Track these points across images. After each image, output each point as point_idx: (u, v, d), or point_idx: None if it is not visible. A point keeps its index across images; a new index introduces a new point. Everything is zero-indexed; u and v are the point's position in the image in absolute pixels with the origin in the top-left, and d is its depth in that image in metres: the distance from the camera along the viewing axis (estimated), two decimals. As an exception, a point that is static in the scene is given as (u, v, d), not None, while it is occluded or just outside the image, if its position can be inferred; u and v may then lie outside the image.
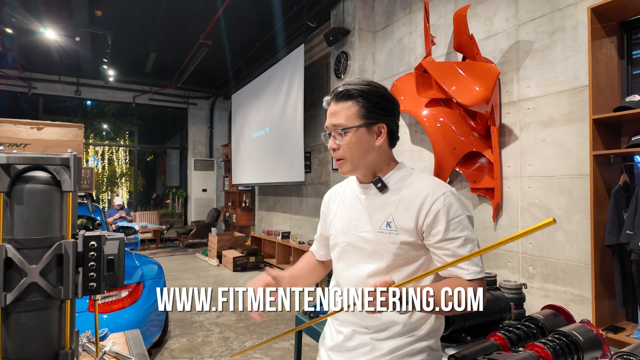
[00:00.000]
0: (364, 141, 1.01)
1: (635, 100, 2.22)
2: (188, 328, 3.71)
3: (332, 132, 1.03)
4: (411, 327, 1.01)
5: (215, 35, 5.87)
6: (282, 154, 6.19)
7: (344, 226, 1.10)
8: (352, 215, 1.09)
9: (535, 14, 2.88)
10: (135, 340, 1.24)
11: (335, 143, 1.03)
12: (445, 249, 0.96)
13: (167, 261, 7.01)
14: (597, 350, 1.13)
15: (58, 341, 0.88)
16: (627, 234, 2.19)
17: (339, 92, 1.03)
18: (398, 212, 1.00)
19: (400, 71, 4.12)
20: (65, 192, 0.89)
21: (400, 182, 1.03)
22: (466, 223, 0.97)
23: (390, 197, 1.02)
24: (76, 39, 5.92)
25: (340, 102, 1.02)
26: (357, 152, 1.01)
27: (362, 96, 1.01)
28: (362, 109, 1.01)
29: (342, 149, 1.02)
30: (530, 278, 2.89)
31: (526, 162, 2.93)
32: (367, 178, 1.06)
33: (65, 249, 0.87)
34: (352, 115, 1.01)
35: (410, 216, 0.98)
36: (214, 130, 10.14)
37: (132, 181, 9.61)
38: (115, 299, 2.53)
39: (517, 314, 1.45)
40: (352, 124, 1.00)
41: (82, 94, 8.57)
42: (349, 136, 1.01)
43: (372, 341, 1.02)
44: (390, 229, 1.00)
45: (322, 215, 1.26)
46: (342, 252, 1.10)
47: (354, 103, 1.01)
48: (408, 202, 0.99)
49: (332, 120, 1.03)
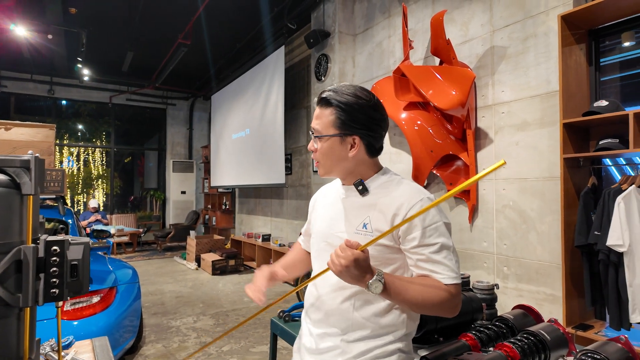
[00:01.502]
0: (335, 150, 1.03)
1: (602, 105, 2.30)
2: (164, 333, 3.63)
3: (314, 134, 1.06)
4: (382, 331, 1.01)
5: (194, 35, 5.79)
6: (263, 155, 6.15)
7: (324, 225, 1.12)
8: (332, 216, 1.11)
9: (509, 20, 2.95)
10: (102, 347, 1.20)
11: (314, 145, 1.07)
12: (420, 254, 0.96)
13: (143, 265, 6.86)
14: (563, 348, 1.15)
15: (16, 351, 0.84)
16: (595, 234, 2.26)
17: (321, 97, 1.05)
18: (375, 214, 1.01)
19: (379, 74, 4.16)
20: (25, 196, 0.85)
21: (381, 187, 1.05)
22: (443, 230, 0.97)
23: (370, 200, 1.04)
24: (48, 37, 5.74)
25: (322, 108, 1.05)
26: (329, 159, 1.05)
27: (340, 107, 1.01)
28: (338, 120, 1.01)
29: (317, 153, 1.06)
30: (505, 278, 2.95)
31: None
32: (348, 181, 1.08)
33: (24, 254, 0.83)
34: (328, 124, 1.03)
35: (387, 220, 0.99)
36: (194, 131, 10.00)
37: (109, 183, 9.37)
38: (86, 304, 2.45)
39: (488, 314, 1.47)
40: (326, 132, 1.03)
41: (55, 93, 8.31)
42: (323, 143, 1.04)
43: (343, 343, 1.01)
44: (367, 231, 1.01)
45: (309, 210, 1.29)
46: (320, 251, 1.12)
47: (332, 112, 1.02)
48: (386, 206, 1.00)
49: (313, 124, 1.07)
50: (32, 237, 0.88)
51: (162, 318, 4.06)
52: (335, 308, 1.03)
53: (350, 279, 0.88)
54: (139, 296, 3.06)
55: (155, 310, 4.31)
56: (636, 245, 2.12)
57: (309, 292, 1.13)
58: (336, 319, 1.03)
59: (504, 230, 2.97)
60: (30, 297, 0.85)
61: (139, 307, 3.06)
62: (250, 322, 3.97)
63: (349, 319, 1.01)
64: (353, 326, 1.01)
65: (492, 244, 3.05)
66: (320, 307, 1.06)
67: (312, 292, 1.11)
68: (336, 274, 0.89)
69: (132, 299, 2.89)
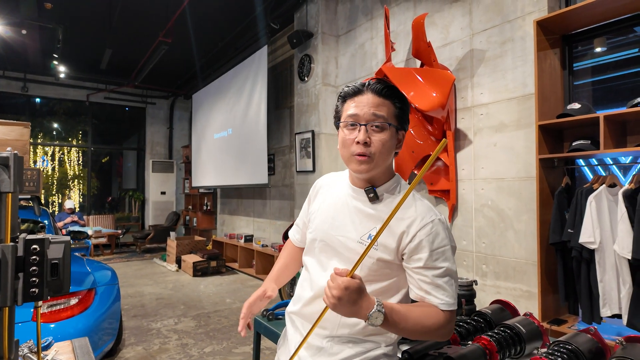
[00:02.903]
0: (393, 143, 0.98)
1: (575, 108, 2.39)
2: (144, 336, 3.57)
3: (368, 124, 0.95)
4: (368, 336, 1.01)
5: (176, 33, 5.71)
6: (245, 155, 6.12)
7: (325, 224, 1.06)
8: (336, 216, 1.04)
9: (487, 24, 3.03)
10: (82, 348, 1.18)
11: (369, 137, 0.95)
12: (424, 275, 0.93)
13: (122, 267, 6.71)
14: (538, 340, 1.20)
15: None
16: (569, 232, 2.35)
17: (381, 87, 0.97)
18: None
19: (362, 75, 4.20)
20: (3, 193, 0.83)
21: (392, 197, 1.00)
22: (449, 254, 0.94)
23: (379, 209, 0.99)
24: (22, 32, 5.56)
25: (383, 97, 0.96)
26: (385, 152, 0.96)
27: (399, 98, 0.98)
28: (398, 110, 0.98)
29: (373, 146, 0.94)
30: (484, 276, 3.03)
31: (479, 165, 3.07)
32: (363, 183, 1.02)
33: (2, 253, 0.82)
34: (391, 114, 0.97)
35: (394, 236, 0.95)
36: (174, 130, 9.85)
37: (86, 183, 9.14)
38: (63, 306, 2.39)
39: (467, 310, 1.52)
40: (392, 122, 0.96)
41: (29, 90, 8.05)
42: (386, 134, 0.95)
43: (329, 344, 1.01)
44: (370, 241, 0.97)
45: (309, 199, 1.20)
46: (318, 249, 1.07)
47: (392, 103, 0.97)
48: (395, 223, 0.95)
49: (375, 110, 0.95)
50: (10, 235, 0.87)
51: (142, 320, 3.99)
52: None
53: (347, 311, 0.83)
54: (119, 298, 3.00)
55: (135, 313, 4.23)
56: (606, 242, 2.21)
57: (302, 292, 1.10)
58: (325, 321, 1.01)
59: (483, 229, 3.04)
60: (8, 296, 0.83)
61: (119, 309, 3.00)
62: (233, 322, 3.94)
63: (337, 322, 1.01)
64: (341, 329, 1.01)
65: (472, 243, 3.13)
66: (313, 307, 1.04)
67: (306, 291, 1.08)
68: (332, 309, 0.83)
69: (112, 300, 2.84)
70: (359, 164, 0.96)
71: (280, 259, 1.31)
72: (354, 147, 0.96)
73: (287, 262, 1.30)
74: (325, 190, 1.15)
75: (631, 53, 2.58)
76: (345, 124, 0.98)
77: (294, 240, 1.30)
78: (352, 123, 0.97)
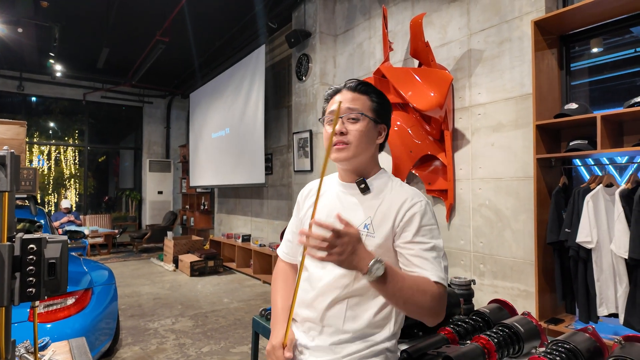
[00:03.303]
0: (370, 133, 1.06)
1: (572, 108, 2.40)
2: (141, 336, 3.56)
3: (343, 117, 1.04)
4: (371, 331, 1.02)
5: (173, 31, 5.69)
6: (243, 155, 6.11)
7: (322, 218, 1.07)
8: (331, 214, 1.07)
9: (485, 24, 3.04)
10: (79, 348, 1.17)
11: (345, 128, 1.04)
12: (411, 248, 0.97)
13: (119, 267, 6.69)
14: (536, 339, 1.20)
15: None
16: (566, 232, 2.36)
17: (355, 84, 1.07)
18: (377, 215, 1.01)
19: (360, 75, 4.20)
20: (0, 192, 0.83)
21: (381, 187, 1.06)
22: (436, 233, 1.00)
23: (371, 199, 1.04)
24: (18, 30, 5.53)
25: (357, 93, 1.06)
26: (362, 141, 1.04)
27: (376, 94, 1.08)
28: (375, 105, 1.07)
29: (350, 134, 1.03)
30: (481, 275, 3.03)
31: (477, 165, 3.08)
32: (352, 177, 1.09)
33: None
34: (367, 107, 1.06)
35: (388, 219, 1.00)
36: (171, 130, 9.82)
37: (82, 183, 9.09)
38: (60, 306, 2.38)
39: (466, 309, 1.52)
40: (366, 113, 1.05)
41: (25, 89, 8.00)
42: (361, 124, 1.04)
43: (333, 344, 1.01)
44: (368, 231, 1.01)
45: (297, 206, 1.23)
46: None
47: (368, 98, 1.07)
48: (387, 206, 1.02)
49: (348, 104, 1.05)
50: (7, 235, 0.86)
51: (139, 320, 3.97)
52: (329, 308, 1.02)
53: (350, 262, 0.82)
54: (116, 298, 2.99)
55: (132, 313, 4.21)
56: (603, 241, 2.22)
57: (304, 291, 1.09)
58: (329, 319, 1.02)
59: (480, 228, 3.05)
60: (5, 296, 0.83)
61: (116, 309, 2.99)
62: (231, 322, 3.94)
63: (340, 319, 1.01)
64: (345, 327, 1.01)
65: (469, 242, 3.13)
66: (315, 306, 1.05)
67: (307, 291, 1.08)
68: (336, 260, 0.81)
69: (109, 300, 2.83)
70: (337, 152, 1.04)
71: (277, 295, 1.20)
72: (333, 138, 1.04)
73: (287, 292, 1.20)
74: (312, 195, 1.18)
75: (628, 53, 2.59)
76: (326, 119, 1.09)
77: (285, 256, 1.25)
78: (330, 118, 1.07)
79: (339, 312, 1.01)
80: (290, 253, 1.23)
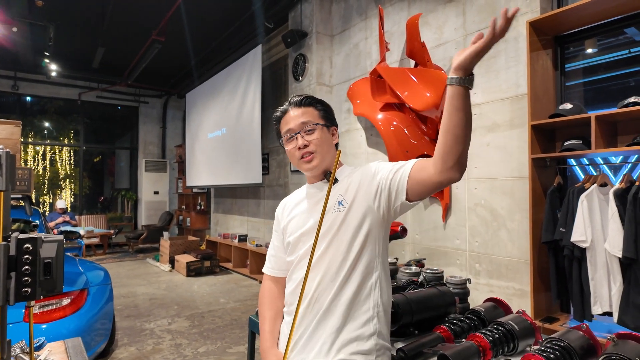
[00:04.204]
0: (328, 137, 1.18)
1: (567, 108, 2.41)
2: (137, 336, 3.54)
3: (300, 132, 1.15)
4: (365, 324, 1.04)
5: (169, 31, 5.68)
6: (239, 155, 6.10)
7: (300, 220, 1.18)
8: (307, 209, 1.18)
9: (481, 25, 3.05)
10: (75, 348, 1.17)
11: (306, 140, 1.14)
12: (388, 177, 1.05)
13: (115, 267, 6.66)
14: (530, 337, 1.21)
15: (-14, 352, 0.81)
16: (561, 231, 2.38)
17: (299, 100, 1.20)
18: (348, 192, 1.11)
19: (356, 75, 4.21)
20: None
21: (347, 175, 1.17)
22: None
23: (340, 185, 1.15)
24: (13, 29, 5.49)
25: (304, 107, 1.19)
26: (324, 146, 1.15)
27: (320, 104, 1.22)
28: (323, 113, 1.20)
29: (312, 144, 1.14)
30: (477, 275, 3.05)
31: (472, 165, 3.09)
32: (319, 176, 1.19)
33: (-6, 252, 0.81)
34: (316, 117, 1.18)
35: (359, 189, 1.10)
36: (167, 130, 9.79)
37: (77, 183, 9.05)
38: (55, 307, 2.37)
39: (461, 308, 1.53)
40: (318, 122, 1.17)
41: (20, 89, 7.95)
42: (317, 133, 1.15)
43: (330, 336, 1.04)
44: (342, 207, 1.10)
45: (277, 221, 1.30)
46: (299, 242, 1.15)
47: (314, 109, 1.19)
48: (354, 182, 1.13)
49: (300, 120, 1.16)
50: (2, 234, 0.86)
51: (135, 321, 3.96)
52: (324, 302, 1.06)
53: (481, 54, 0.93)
54: (112, 298, 2.98)
55: (128, 313, 4.20)
56: (597, 241, 2.24)
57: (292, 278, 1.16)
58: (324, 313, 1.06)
59: (476, 228, 3.06)
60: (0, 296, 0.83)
61: (112, 309, 2.98)
62: (227, 322, 3.93)
63: (335, 313, 1.04)
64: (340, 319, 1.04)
65: (465, 242, 3.15)
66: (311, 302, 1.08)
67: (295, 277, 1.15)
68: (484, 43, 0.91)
69: (104, 301, 2.82)
70: (307, 163, 1.15)
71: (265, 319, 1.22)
72: (297, 153, 1.15)
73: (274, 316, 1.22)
74: (290, 206, 1.26)
75: (621, 54, 2.62)
76: (285, 138, 1.19)
77: (271, 271, 1.27)
78: (289, 136, 1.17)
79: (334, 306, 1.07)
80: (276, 267, 1.27)
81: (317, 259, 1.08)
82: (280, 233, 1.26)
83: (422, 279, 1.68)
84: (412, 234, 3.58)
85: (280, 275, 1.25)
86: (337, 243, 1.07)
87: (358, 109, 3.86)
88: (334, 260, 1.07)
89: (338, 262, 1.06)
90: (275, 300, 1.24)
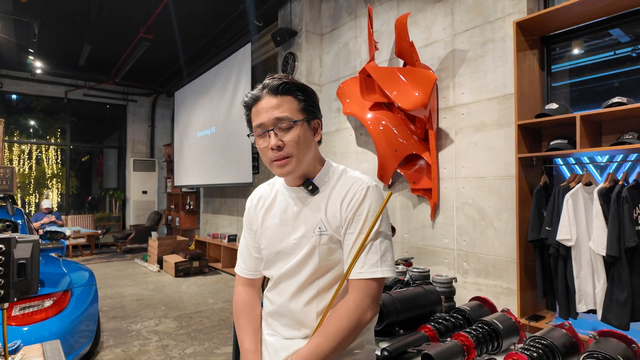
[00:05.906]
0: (307, 136, 0.97)
1: (553, 108, 2.44)
2: (123, 337, 3.49)
3: (274, 129, 0.94)
4: None
5: (157, 29, 5.61)
6: (229, 154, 6.06)
7: (277, 234, 1.05)
8: (285, 223, 1.04)
9: (468, 25, 3.07)
10: (53, 352, 1.14)
11: (280, 141, 0.94)
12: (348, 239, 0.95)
13: (102, 268, 6.57)
14: (515, 336, 1.22)
15: (-45, 356, 0.79)
16: (547, 230, 2.40)
17: (277, 85, 0.96)
18: (328, 212, 0.99)
19: (346, 74, 4.20)
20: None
21: (329, 181, 1.02)
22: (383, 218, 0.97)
23: (321, 198, 1.00)
24: (-4, 26, 5.38)
25: (280, 96, 0.95)
26: (303, 148, 0.96)
27: (301, 90, 0.98)
28: (302, 103, 0.97)
29: (287, 146, 0.94)
30: (465, 273, 3.07)
31: (461, 164, 3.11)
32: (297, 181, 1.02)
33: (-36, 253, 0.78)
34: (295, 110, 0.96)
35: (337, 209, 0.97)
36: (156, 128, 9.68)
37: (64, 183, 8.90)
38: (37, 309, 2.32)
39: (447, 307, 1.53)
40: (297, 118, 0.95)
41: (4, 86, 7.79)
42: (295, 131, 0.95)
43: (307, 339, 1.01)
44: (321, 231, 0.98)
45: (248, 216, 1.16)
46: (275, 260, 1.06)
47: (294, 98, 0.96)
48: (335, 198, 0.99)
49: (274, 114, 0.94)
50: (-27, 234, 0.83)
51: (121, 322, 3.90)
52: (299, 311, 1.01)
53: None
54: (96, 299, 2.93)
55: (114, 314, 4.14)
56: (582, 239, 2.27)
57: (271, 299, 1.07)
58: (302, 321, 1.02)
59: (464, 227, 3.08)
60: (-30, 298, 0.80)
61: (96, 310, 2.93)
62: (215, 323, 3.90)
63: (313, 319, 1.01)
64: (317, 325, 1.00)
65: (453, 240, 3.16)
66: (285, 313, 1.04)
67: (274, 299, 1.06)
68: None
69: (89, 302, 2.77)
70: (280, 168, 0.97)
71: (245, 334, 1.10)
72: (270, 154, 0.96)
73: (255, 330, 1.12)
74: (261, 204, 1.12)
75: (607, 56, 2.65)
76: (256, 134, 0.99)
77: (246, 273, 1.16)
78: (261, 132, 0.97)
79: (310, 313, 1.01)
80: (252, 268, 1.14)
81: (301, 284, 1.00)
82: (254, 233, 1.13)
83: (408, 278, 1.67)
84: (400, 233, 3.59)
85: (257, 277, 1.16)
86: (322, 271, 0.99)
87: (347, 108, 3.85)
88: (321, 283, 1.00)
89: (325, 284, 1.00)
90: (253, 310, 1.12)
